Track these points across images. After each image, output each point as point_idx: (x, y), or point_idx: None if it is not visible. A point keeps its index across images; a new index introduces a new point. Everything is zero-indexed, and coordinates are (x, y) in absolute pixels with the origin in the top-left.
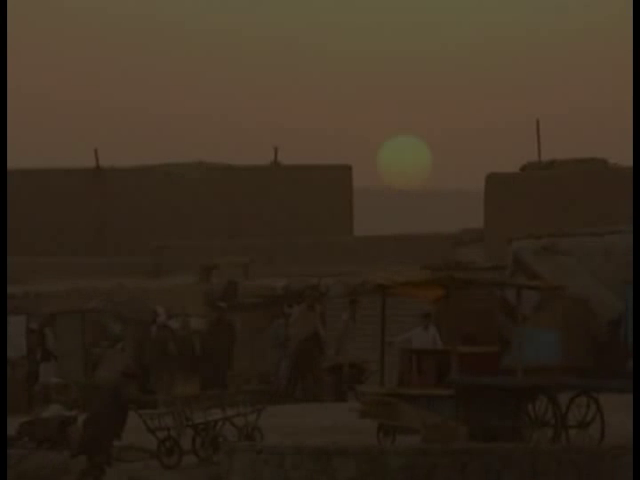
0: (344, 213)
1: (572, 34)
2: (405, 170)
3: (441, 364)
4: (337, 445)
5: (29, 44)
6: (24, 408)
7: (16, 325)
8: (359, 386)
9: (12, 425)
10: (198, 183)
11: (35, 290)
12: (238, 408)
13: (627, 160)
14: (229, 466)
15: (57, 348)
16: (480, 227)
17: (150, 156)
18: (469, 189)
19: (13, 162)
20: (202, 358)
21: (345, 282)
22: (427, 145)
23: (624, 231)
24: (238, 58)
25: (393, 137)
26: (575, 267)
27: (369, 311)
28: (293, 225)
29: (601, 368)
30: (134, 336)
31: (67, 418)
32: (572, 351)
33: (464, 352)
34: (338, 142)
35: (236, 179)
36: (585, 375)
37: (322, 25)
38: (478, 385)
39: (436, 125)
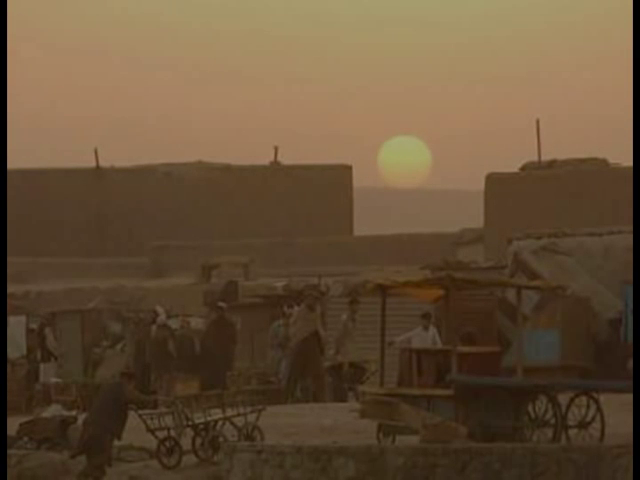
0: (344, 213)
1: (572, 34)
2: (405, 170)
3: (441, 364)
4: (337, 445)
5: (30, 44)
6: (24, 408)
7: (16, 325)
8: (359, 386)
9: (12, 425)
10: (198, 183)
11: (35, 290)
12: (238, 408)
13: (627, 160)
14: (229, 466)
15: (57, 348)
16: (480, 227)
17: (150, 156)
18: (469, 189)
19: (13, 162)
20: (202, 358)
21: (345, 282)
22: (427, 145)
23: (624, 231)
24: (238, 58)
25: (393, 137)
26: (575, 267)
27: (369, 311)
28: (293, 225)
29: (601, 368)
30: (134, 336)
31: (67, 418)
32: (572, 351)
33: (464, 352)
34: (338, 142)
35: (236, 179)
36: (585, 375)
37: (322, 25)
38: (478, 385)
39: (436, 125)
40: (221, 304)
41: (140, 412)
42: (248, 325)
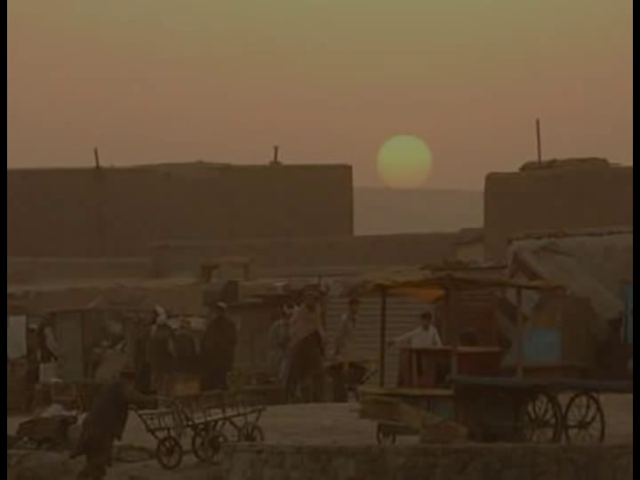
0: (344, 213)
1: (572, 34)
2: (405, 170)
3: (441, 364)
4: (337, 445)
5: (30, 45)
6: (24, 408)
7: (16, 325)
8: (359, 386)
9: (12, 425)
10: (198, 183)
11: (35, 290)
12: (238, 408)
13: (627, 160)
14: (229, 466)
15: (57, 348)
16: (480, 227)
17: (150, 156)
18: (469, 189)
19: (13, 162)
20: (202, 358)
21: (345, 282)
22: (427, 145)
23: (624, 231)
24: (238, 58)
25: (393, 137)
26: (575, 267)
27: (369, 311)
28: (293, 225)
29: (601, 368)
30: (134, 336)
31: (67, 418)
32: (572, 351)
33: (464, 352)
34: (338, 142)
35: (236, 179)
36: (585, 375)
37: (322, 25)
38: (478, 385)
39: (436, 125)
40: (221, 304)
41: (140, 412)
42: (248, 325)
